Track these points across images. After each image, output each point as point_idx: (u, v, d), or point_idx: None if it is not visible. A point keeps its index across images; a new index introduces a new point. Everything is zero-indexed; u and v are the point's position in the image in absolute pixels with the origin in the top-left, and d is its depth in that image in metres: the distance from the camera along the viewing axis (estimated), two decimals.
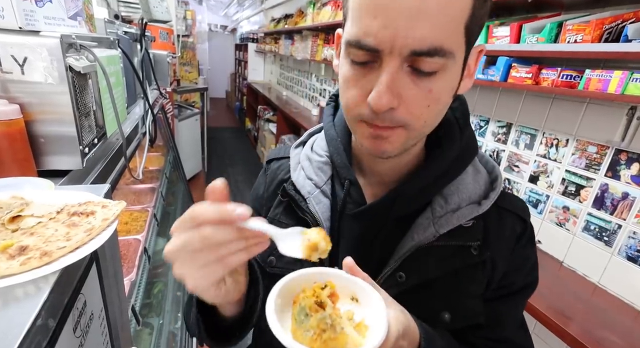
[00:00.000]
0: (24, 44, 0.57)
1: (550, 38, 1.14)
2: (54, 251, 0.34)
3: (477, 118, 1.66)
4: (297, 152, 0.52)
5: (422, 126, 0.36)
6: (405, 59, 0.32)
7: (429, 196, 0.43)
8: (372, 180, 0.47)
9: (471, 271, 0.42)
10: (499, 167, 0.48)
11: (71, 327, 0.35)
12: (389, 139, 0.36)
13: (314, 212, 0.45)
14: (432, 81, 0.33)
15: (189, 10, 4.86)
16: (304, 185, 0.47)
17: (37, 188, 0.49)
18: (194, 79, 4.92)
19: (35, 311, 0.28)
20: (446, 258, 0.41)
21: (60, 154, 0.65)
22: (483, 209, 0.42)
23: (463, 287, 0.42)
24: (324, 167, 0.48)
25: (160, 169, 1.86)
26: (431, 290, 0.42)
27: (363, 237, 0.45)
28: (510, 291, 0.44)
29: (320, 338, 0.28)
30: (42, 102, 0.61)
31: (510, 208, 0.45)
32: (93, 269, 0.44)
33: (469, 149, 0.45)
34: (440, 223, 0.41)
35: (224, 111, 8.00)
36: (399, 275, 0.42)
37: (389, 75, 0.32)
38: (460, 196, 0.43)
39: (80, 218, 0.41)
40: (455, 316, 0.42)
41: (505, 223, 0.44)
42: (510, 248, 0.44)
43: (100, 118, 0.80)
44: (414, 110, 0.34)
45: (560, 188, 1.30)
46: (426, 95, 0.34)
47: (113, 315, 0.52)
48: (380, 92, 0.32)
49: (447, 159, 0.43)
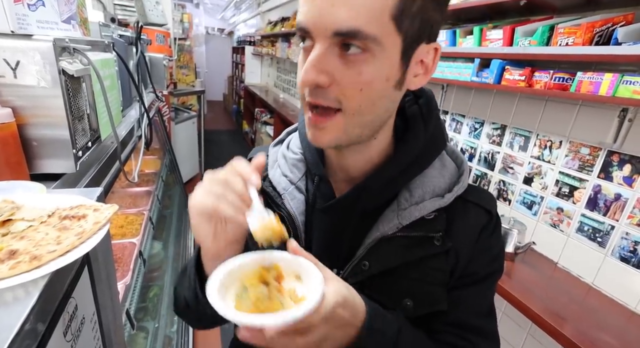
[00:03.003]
0: (17, 47, 0.57)
1: (543, 41, 1.15)
2: (43, 255, 0.34)
3: (472, 120, 1.67)
4: (275, 150, 0.54)
5: (357, 110, 0.38)
6: (331, 40, 0.35)
7: (395, 190, 0.45)
8: (341, 176, 0.48)
9: (434, 260, 0.44)
10: (467, 163, 0.49)
11: (61, 331, 0.35)
12: (325, 128, 0.39)
13: (288, 208, 0.47)
14: (360, 64, 0.35)
15: (185, 14, 4.86)
16: (280, 182, 0.49)
17: (28, 192, 0.49)
18: (191, 81, 4.92)
19: (23, 315, 0.28)
20: (408, 248, 0.43)
21: (53, 157, 0.65)
22: (446, 202, 0.44)
23: (425, 275, 0.44)
24: (299, 164, 0.50)
25: (157, 172, 1.86)
26: (394, 278, 0.44)
27: (333, 230, 0.47)
28: (474, 279, 0.46)
29: (255, 307, 0.31)
30: (35, 105, 0.61)
31: (475, 201, 0.47)
32: (85, 273, 0.44)
33: (435, 143, 0.47)
34: (403, 215, 0.43)
35: (221, 114, 7.99)
36: (363, 263, 0.44)
37: (315, 53, 0.35)
38: (424, 189, 0.45)
39: (72, 221, 0.41)
40: (417, 303, 0.44)
41: (470, 216, 0.46)
42: (473, 239, 0.45)
43: (95, 121, 0.79)
44: (347, 91, 0.37)
45: (554, 190, 1.31)
46: (357, 78, 0.36)
47: (106, 319, 0.51)
48: (307, 67, 0.36)
49: (410, 153, 0.45)
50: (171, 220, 2.01)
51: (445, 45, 1.58)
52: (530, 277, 1.20)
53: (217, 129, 6.37)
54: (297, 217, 0.47)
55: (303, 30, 0.36)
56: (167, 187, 2.02)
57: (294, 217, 0.47)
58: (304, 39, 0.38)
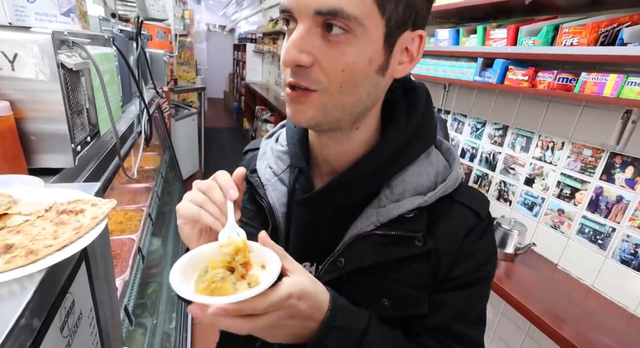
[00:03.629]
0: (14, 40, 0.56)
1: (547, 41, 1.14)
2: (40, 249, 0.33)
3: (474, 120, 1.67)
4: (266, 142, 0.55)
5: (337, 90, 0.37)
6: (313, 19, 0.35)
7: (375, 185, 0.44)
8: (325, 169, 0.48)
9: (415, 262, 0.42)
10: (459, 161, 0.47)
11: (58, 326, 0.35)
12: (305, 103, 0.38)
13: (269, 199, 0.48)
14: (343, 45, 0.35)
15: (187, 10, 4.84)
16: (264, 173, 0.50)
17: (26, 186, 0.48)
18: (191, 78, 4.90)
19: (19, 310, 0.27)
20: (385, 246, 0.42)
21: (51, 151, 0.64)
22: (427, 201, 0.42)
23: (404, 276, 0.42)
24: (283, 157, 0.50)
25: (156, 169, 1.85)
26: (373, 277, 0.43)
27: (310, 223, 0.47)
28: (458, 284, 0.43)
29: (209, 288, 0.32)
30: (33, 99, 0.60)
31: (464, 202, 0.44)
32: (82, 268, 0.44)
33: (421, 138, 0.45)
34: (381, 212, 0.42)
35: (222, 111, 7.98)
36: (339, 260, 0.43)
37: (298, 33, 0.35)
38: (405, 186, 0.43)
39: (69, 216, 0.41)
40: (395, 304, 0.42)
41: (455, 216, 0.44)
42: (457, 241, 0.43)
43: (94, 116, 0.79)
44: (329, 71, 0.36)
45: (556, 191, 1.30)
46: (339, 58, 0.36)
47: (104, 315, 0.51)
48: (288, 46, 0.36)
49: (390, 147, 0.43)
50: (170, 217, 2.01)
51: (448, 44, 1.57)
52: (530, 278, 1.20)
53: (217, 127, 6.36)
54: (278, 208, 0.47)
55: (286, 12, 0.37)
56: (166, 184, 2.02)
57: (274, 208, 0.47)
58: (288, 21, 0.38)
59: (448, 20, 1.66)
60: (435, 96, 1.84)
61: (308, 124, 0.40)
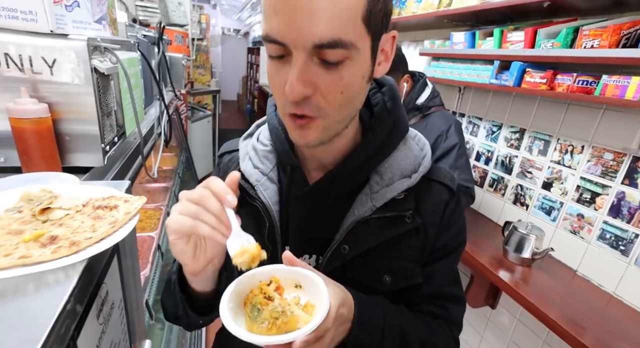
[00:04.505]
0: (54, 46, 0.60)
1: (566, 43, 1.13)
2: (81, 241, 0.36)
3: (490, 123, 1.65)
4: (246, 143, 0.55)
5: (336, 112, 0.39)
6: (311, 51, 0.35)
7: (365, 174, 0.47)
8: (313, 164, 0.50)
9: (407, 238, 0.47)
10: (429, 145, 0.52)
11: (95, 313, 0.37)
12: (309, 129, 0.40)
13: (262, 199, 0.48)
14: (341, 70, 0.36)
15: (203, 14, 4.97)
16: (252, 174, 0.50)
17: (63, 183, 0.51)
18: (206, 81, 5.01)
19: (65, 296, 0.30)
20: (383, 228, 0.46)
21: (83, 151, 0.68)
22: (413, 182, 0.47)
23: (400, 252, 0.47)
24: (269, 156, 0.51)
25: (174, 169, 1.90)
26: (372, 257, 0.47)
27: (309, 216, 0.49)
28: (444, 253, 0.50)
29: (274, 325, 0.32)
30: (68, 101, 0.64)
31: (438, 179, 0.50)
32: (114, 261, 0.46)
33: (399, 128, 0.49)
34: (376, 198, 0.46)
35: (235, 113, 8.10)
36: (342, 247, 0.46)
37: (298, 67, 0.35)
38: (393, 172, 0.47)
39: (104, 211, 0.43)
40: (395, 278, 0.47)
41: (434, 193, 0.49)
42: (439, 215, 0.49)
43: (120, 117, 0.83)
44: (329, 96, 0.37)
45: (575, 196, 1.28)
46: (338, 83, 0.37)
47: (130, 306, 0.53)
48: (292, 83, 0.35)
49: (377, 139, 0.47)
50: None
51: (463, 47, 1.57)
52: (548, 284, 1.18)
53: (231, 128, 6.46)
54: (272, 207, 0.48)
55: (277, 43, 0.35)
56: (183, 184, 2.07)
57: (268, 207, 0.48)
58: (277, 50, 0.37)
59: (464, 23, 1.65)
60: (450, 99, 1.83)
61: (314, 144, 0.42)
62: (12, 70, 0.59)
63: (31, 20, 0.56)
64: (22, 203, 0.42)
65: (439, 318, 0.50)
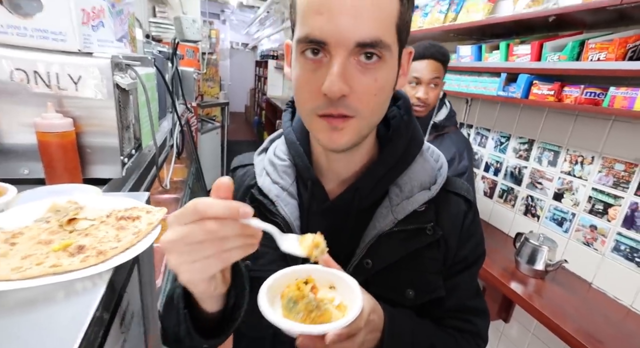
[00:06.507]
0: (80, 64, 0.63)
1: (573, 56, 1.14)
2: (107, 251, 0.37)
3: (498, 134, 1.65)
4: (261, 158, 0.55)
5: (370, 115, 0.40)
6: (352, 50, 0.36)
7: (385, 187, 0.48)
8: (331, 178, 0.50)
9: (428, 250, 0.47)
10: (443, 156, 0.52)
11: (118, 322, 0.38)
12: (343, 130, 0.40)
13: (283, 214, 0.48)
14: (376, 71, 0.37)
15: (213, 30, 5.12)
16: (271, 189, 0.49)
17: (86, 195, 0.53)
18: (215, 94, 5.12)
19: (96, 303, 0.31)
20: (405, 241, 0.46)
21: (103, 163, 0.70)
22: (433, 194, 0.47)
23: (423, 265, 0.47)
24: (288, 170, 0.51)
25: (184, 180, 1.93)
26: (395, 271, 0.46)
27: (331, 231, 0.47)
28: (465, 265, 0.49)
29: (309, 317, 0.33)
30: (91, 115, 0.67)
31: (455, 191, 0.50)
32: (135, 271, 0.47)
33: (415, 140, 0.50)
34: (397, 210, 0.46)
35: (243, 125, 8.22)
36: (365, 262, 0.45)
37: (340, 64, 0.36)
38: (412, 184, 0.47)
39: (127, 222, 0.45)
40: (418, 292, 0.46)
41: (452, 204, 0.49)
42: (458, 226, 0.49)
43: (138, 130, 0.86)
44: (363, 97, 0.38)
45: (587, 207, 1.26)
46: (372, 84, 0.38)
47: (147, 316, 0.54)
48: (333, 80, 0.36)
49: (396, 152, 0.47)
50: None
51: (470, 60, 1.59)
52: (563, 296, 1.15)
53: (238, 140, 6.54)
54: (293, 222, 0.47)
55: (318, 43, 0.36)
56: (193, 195, 2.10)
57: (290, 223, 0.47)
58: (315, 50, 0.37)
59: (470, 36, 1.68)
60: (458, 110, 1.84)
61: (345, 147, 0.41)
62: (40, 87, 0.62)
63: (61, 40, 0.60)
64: (50, 214, 0.44)
65: (464, 332, 0.49)
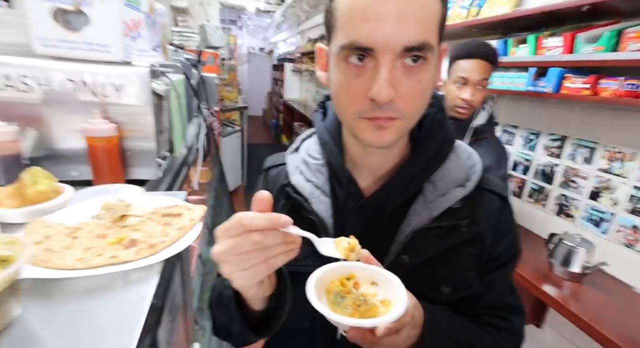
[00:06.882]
0: (121, 73, 0.67)
1: (610, 47, 1.08)
2: (157, 244, 0.40)
3: (527, 131, 1.59)
4: (293, 157, 0.55)
5: (413, 114, 0.41)
6: (398, 55, 0.36)
7: (419, 184, 0.48)
8: (365, 175, 0.50)
9: (464, 246, 0.47)
10: (476, 153, 0.52)
11: (167, 310, 0.40)
12: (388, 129, 0.40)
13: (317, 211, 0.48)
14: (420, 73, 0.38)
15: (231, 36, 5.26)
16: (305, 187, 0.50)
17: (131, 194, 0.57)
18: (234, 98, 5.23)
19: (152, 289, 0.33)
20: (440, 237, 0.46)
21: (141, 165, 0.74)
22: (468, 191, 0.47)
23: (458, 261, 0.47)
24: (322, 169, 0.52)
25: (209, 182, 1.99)
26: (430, 268, 0.46)
27: (366, 228, 0.49)
28: (501, 262, 0.49)
29: (357, 311, 0.34)
30: (131, 121, 0.71)
31: (490, 188, 0.50)
32: (178, 266, 0.50)
33: (448, 139, 0.50)
34: (432, 207, 0.46)
35: (261, 128, 8.36)
36: (401, 258, 0.46)
37: (387, 71, 0.36)
38: (446, 181, 0.47)
39: (171, 218, 0.48)
40: (454, 288, 0.47)
41: (488, 202, 0.49)
42: (493, 223, 0.49)
43: (170, 134, 0.90)
44: (409, 100, 0.39)
45: (628, 206, 1.19)
46: (416, 86, 0.38)
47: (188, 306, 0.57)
48: (382, 86, 0.36)
49: (430, 149, 0.48)
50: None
51: None
52: (602, 300, 1.09)
53: (257, 143, 6.66)
54: (327, 219, 0.48)
55: (364, 50, 0.36)
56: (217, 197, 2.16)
57: (323, 220, 0.48)
58: (360, 57, 0.37)
59: (495, 31, 1.63)
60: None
61: (389, 144, 0.42)
62: (87, 95, 0.67)
63: (106, 51, 0.64)
64: (103, 211, 0.47)
65: (501, 330, 0.49)
